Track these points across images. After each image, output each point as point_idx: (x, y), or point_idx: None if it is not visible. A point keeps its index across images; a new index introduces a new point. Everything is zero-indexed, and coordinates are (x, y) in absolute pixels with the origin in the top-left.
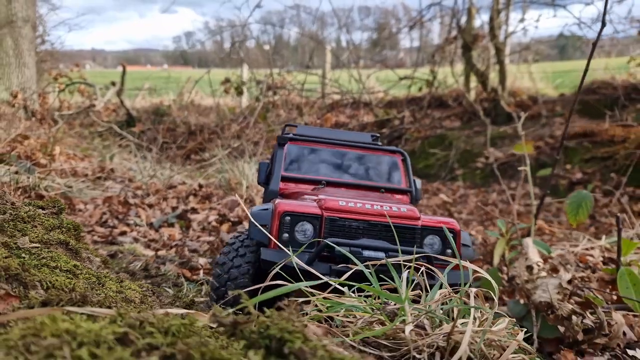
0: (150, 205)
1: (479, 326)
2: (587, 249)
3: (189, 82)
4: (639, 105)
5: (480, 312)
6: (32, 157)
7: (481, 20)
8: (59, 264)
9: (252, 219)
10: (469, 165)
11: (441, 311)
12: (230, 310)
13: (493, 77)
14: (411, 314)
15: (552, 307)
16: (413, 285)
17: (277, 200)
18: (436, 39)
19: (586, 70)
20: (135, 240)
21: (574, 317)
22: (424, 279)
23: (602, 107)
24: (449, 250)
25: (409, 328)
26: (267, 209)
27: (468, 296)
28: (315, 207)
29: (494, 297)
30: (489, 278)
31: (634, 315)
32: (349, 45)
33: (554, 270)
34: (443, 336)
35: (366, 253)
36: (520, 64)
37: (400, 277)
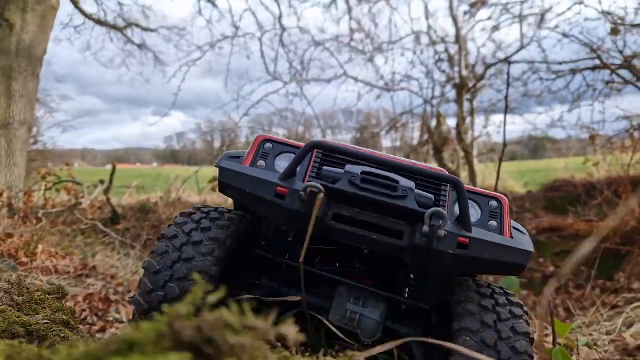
0: (131, 301)
1: None
2: (545, 335)
3: (177, 179)
4: (595, 201)
5: None
6: (15, 255)
7: (447, 126)
8: (66, 334)
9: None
10: None
11: None
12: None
13: (464, 177)
14: None
15: None
16: None
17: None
18: (414, 139)
19: (497, 177)
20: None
21: None
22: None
23: (565, 204)
24: (492, 223)
25: None
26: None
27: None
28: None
29: None
30: None
31: None
32: None
33: None
34: None
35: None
36: (488, 162)
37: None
